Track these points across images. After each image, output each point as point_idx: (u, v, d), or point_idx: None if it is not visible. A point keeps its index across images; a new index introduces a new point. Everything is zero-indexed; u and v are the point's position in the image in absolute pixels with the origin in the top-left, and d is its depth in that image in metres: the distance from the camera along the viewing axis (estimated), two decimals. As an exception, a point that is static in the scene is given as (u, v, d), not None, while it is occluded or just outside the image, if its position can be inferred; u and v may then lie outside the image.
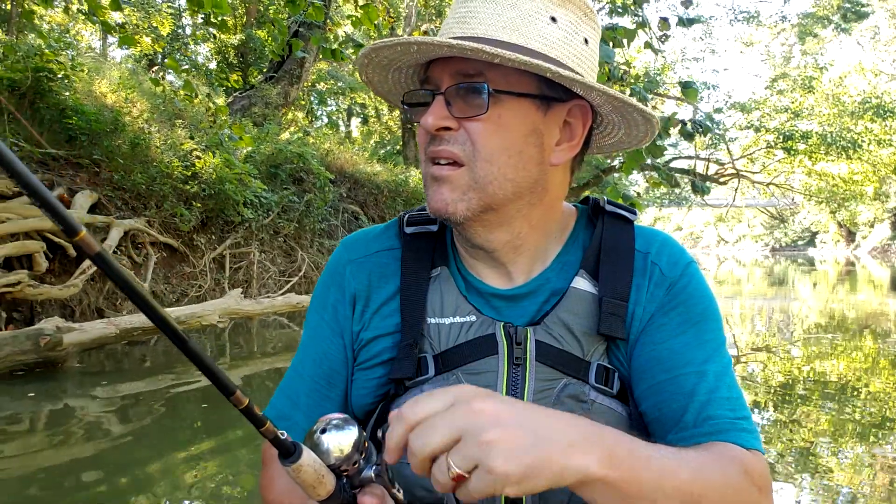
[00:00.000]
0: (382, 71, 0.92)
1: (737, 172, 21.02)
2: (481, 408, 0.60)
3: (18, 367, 4.68)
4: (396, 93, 0.99)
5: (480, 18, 0.85)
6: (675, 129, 4.48)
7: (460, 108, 0.84)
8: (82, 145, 7.56)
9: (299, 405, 0.98)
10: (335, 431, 0.67)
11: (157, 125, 9.09)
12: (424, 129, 0.86)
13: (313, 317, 1.02)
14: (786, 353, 7.07)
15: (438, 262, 0.97)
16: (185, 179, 8.32)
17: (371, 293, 0.98)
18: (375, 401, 0.96)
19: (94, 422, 4.02)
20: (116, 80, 9.65)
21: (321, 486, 0.65)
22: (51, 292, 5.73)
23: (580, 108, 0.90)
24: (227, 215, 8.91)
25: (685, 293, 0.92)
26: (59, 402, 4.43)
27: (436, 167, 0.86)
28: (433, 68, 0.87)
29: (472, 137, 0.84)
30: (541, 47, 0.84)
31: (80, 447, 3.57)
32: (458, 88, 0.84)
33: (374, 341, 0.96)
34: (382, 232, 1.03)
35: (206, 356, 0.55)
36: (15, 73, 7.21)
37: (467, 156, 0.85)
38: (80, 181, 7.31)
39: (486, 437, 0.57)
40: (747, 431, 0.83)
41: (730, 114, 23.57)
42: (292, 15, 6.41)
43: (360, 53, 0.89)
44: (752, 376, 5.82)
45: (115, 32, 6.88)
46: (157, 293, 7.76)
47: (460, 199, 0.86)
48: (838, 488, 3.12)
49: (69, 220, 0.41)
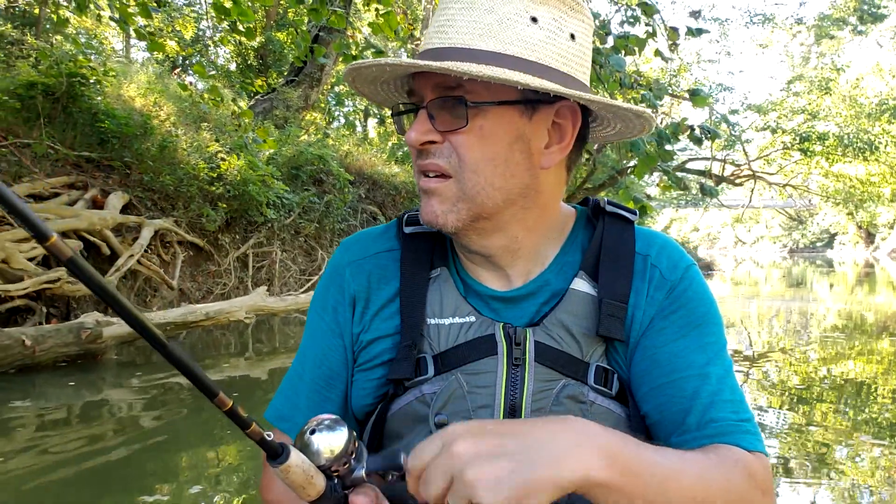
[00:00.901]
0: (370, 84, 0.94)
1: (753, 174, 21.01)
2: (459, 450, 0.62)
3: (61, 358, 4.98)
4: (390, 101, 1.00)
5: (458, 27, 0.85)
6: (685, 134, 4.65)
7: (443, 121, 0.84)
8: (113, 148, 7.86)
9: (299, 406, 0.98)
10: (325, 432, 0.68)
11: (184, 128, 9.38)
12: (408, 144, 0.87)
13: (313, 318, 1.02)
14: (802, 354, 7.06)
15: (438, 262, 0.97)
16: (211, 181, 8.60)
17: (371, 295, 0.98)
18: (375, 402, 0.96)
19: (129, 409, 4.28)
20: (143, 83, 9.97)
21: (311, 487, 0.66)
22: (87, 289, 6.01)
23: (569, 108, 0.89)
24: (250, 215, 9.18)
25: (685, 296, 0.92)
26: (99, 393, 4.71)
27: (424, 180, 0.88)
28: (417, 80, 0.87)
29: (456, 150, 0.85)
30: (520, 51, 0.83)
31: (114, 433, 3.84)
32: (440, 101, 0.84)
33: (374, 343, 0.96)
34: (382, 233, 1.04)
35: (188, 359, 0.55)
36: (49, 79, 7.52)
37: (454, 168, 0.85)
38: (112, 182, 7.61)
39: (468, 477, 0.60)
40: (750, 434, 0.84)
41: (746, 115, 23.55)
42: (315, 22, 6.67)
43: (344, 71, 0.91)
44: (768, 377, 5.83)
45: (145, 39, 7.20)
46: (183, 290, 8.05)
47: (450, 210, 0.87)
48: (856, 490, 3.13)
49: (39, 225, 0.40)
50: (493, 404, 0.87)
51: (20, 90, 7.30)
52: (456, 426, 0.66)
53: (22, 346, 4.55)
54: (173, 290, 7.63)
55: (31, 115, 7.34)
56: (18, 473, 3.15)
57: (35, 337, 4.68)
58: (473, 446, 0.62)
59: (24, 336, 4.61)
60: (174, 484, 3.10)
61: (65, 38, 9.67)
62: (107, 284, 0.45)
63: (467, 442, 0.63)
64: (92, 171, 7.60)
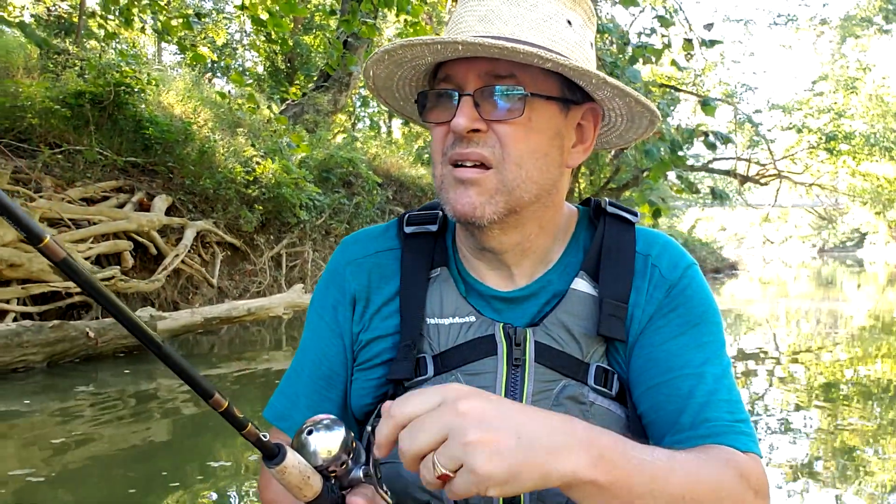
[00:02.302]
0: (393, 67, 0.90)
1: (778, 173, 20.97)
2: (466, 408, 0.60)
3: (120, 349, 5.42)
4: (399, 89, 0.97)
5: (505, 18, 0.84)
6: (699, 139, 4.92)
7: (492, 109, 0.83)
8: (156, 153, 8.31)
9: (299, 406, 0.97)
10: (322, 432, 0.68)
11: (220, 133, 9.82)
12: (454, 130, 0.83)
13: (313, 317, 1.01)
14: (830, 355, 7.01)
15: (438, 262, 0.97)
16: (247, 184, 9.02)
17: (371, 294, 0.97)
18: (375, 401, 0.96)
19: (176, 399, 4.68)
20: (181, 90, 10.44)
21: (307, 488, 0.66)
22: (139, 286, 6.48)
23: (592, 110, 0.91)
24: (284, 217, 9.59)
25: (684, 295, 0.92)
26: (152, 381, 5.12)
27: (461, 169, 0.85)
28: (454, 67, 0.85)
29: (501, 140, 0.83)
30: (562, 50, 0.84)
31: (159, 416, 4.24)
32: (490, 90, 0.82)
33: (373, 342, 0.96)
34: (383, 232, 1.03)
35: (182, 360, 0.55)
36: (97, 88, 7.98)
37: (497, 159, 0.83)
38: (156, 186, 8.07)
39: (470, 437, 0.58)
40: (745, 434, 0.83)
41: (771, 114, 23.48)
42: (346, 31, 7.01)
43: (390, 46, 0.84)
44: (795, 378, 5.84)
45: (187, 50, 7.64)
46: (222, 288, 8.47)
47: (487, 202, 0.84)
48: (884, 492, 3.11)
49: (33, 227, 0.40)
50: None
51: (69, 99, 7.77)
52: (456, 385, 0.65)
53: (86, 337, 5.00)
54: (213, 287, 8.06)
55: (80, 123, 7.80)
56: (81, 448, 3.56)
57: (97, 329, 5.13)
58: (482, 409, 0.61)
59: (88, 329, 5.07)
60: (203, 463, 3.41)
61: (98, 44, 10.12)
62: (100, 285, 0.46)
63: (476, 402, 0.62)
64: (137, 175, 8.06)
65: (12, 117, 7.26)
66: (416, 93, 0.96)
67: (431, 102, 0.88)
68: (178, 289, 7.74)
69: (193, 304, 7.65)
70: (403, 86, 0.96)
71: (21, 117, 7.27)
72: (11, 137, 7.09)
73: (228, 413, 0.60)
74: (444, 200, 0.88)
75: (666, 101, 4.41)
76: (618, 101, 0.89)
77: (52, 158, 7.19)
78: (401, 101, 1.00)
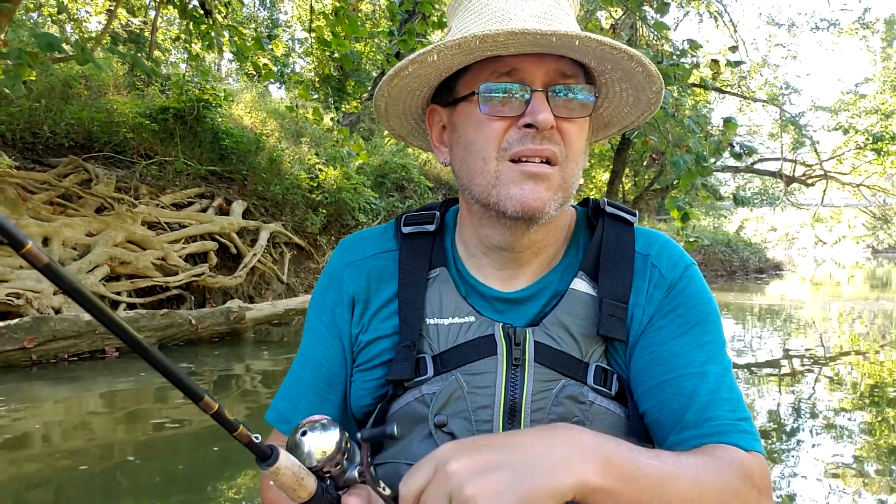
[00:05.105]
0: (456, 55, 0.84)
1: (825, 174, 20.94)
2: (455, 468, 0.62)
3: (215, 335, 6.32)
4: (418, 87, 0.93)
5: (558, 18, 0.86)
6: (726, 150, 5.44)
7: (563, 108, 0.84)
8: (232, 162, 9.22)
9: (300, 408, 0.98)
10: (317, 433, 0.68)
11: (286, 142, 10.70)
12: (538, 126, 0.82)
13: (312, 319, 1.02)
14: (878, 357, 6.95)
15: (437, 262, 0.97)
16: (311, 189, 9.86)
17: (370, 296, 0.97)
18: (374, 402, 0.96)
19: (254, 378, 5.46)
20: (248, 102, 11.38)
21: (301, 489, 0.66)
22: (224, 281, 7.36)
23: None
24: (344, 219, 10.40)
25: (684, 295, 0.92)
26: (241, 362, 5.94)
27: (531, 164, 0.84)
28: (521, 62, 0.84)
29: (566, 138, 0.85)
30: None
31: (241, 397, 5.01)
32: (567, 88, 0.84)
33: (372, 343, 0.95)
34: (381, 233, 1.03)
35: (170, 363, 0.55)
36: (180, 104, 8.92)
37: (561, 156, 0.85)
38: (233, 192, 8.97)
39: (467, 493, 0.60)
40: (748, 433, 0.83)
41: (817, 114, 23.38)
42: (402, 51, 7.73)
43: (487, 33, 0.78)
44: (842, 379, 5.80)
45: (259, 69, 8.49)
46: (290, 285, 9.32)
47: (552, 198, 0.85)
48: None
49: (14, 234, 0.42)
50: (492, 405, 0.86)
51: (155, 114, 8.73)
52: (446, 446, 0.66)
53: (189, 324, 5.87)
54: (283, 283, 8.91)
55: (166, 136, 8.75)
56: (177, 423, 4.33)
57: (198, 317, 6.01)
58: (468, 462, 0.63)
59: (191, 317, 5.94)
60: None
61: (164, 58, 11.02)
62: (84, 288, 0.47)
63: (461, 458, 0.63)
64: (216, 182, 8.98)
65: (109, 132, 8.24)
66: (410, 112, 1.00)
67: (495, 96, 0.84)
68: (252, 284, 8.61)
69: (266, 298, 8.51)
70: (420, 86, 0.93)
71: (116, 132, 8.25)
72: (109, 150, 8.06)
73: (219, 415, 0.59)
74: (500, 196, 0.86)
75: (693, 118, 4.93)
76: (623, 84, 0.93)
77: (147, 168, 8.14)
78: (396, 116, 1.02)
